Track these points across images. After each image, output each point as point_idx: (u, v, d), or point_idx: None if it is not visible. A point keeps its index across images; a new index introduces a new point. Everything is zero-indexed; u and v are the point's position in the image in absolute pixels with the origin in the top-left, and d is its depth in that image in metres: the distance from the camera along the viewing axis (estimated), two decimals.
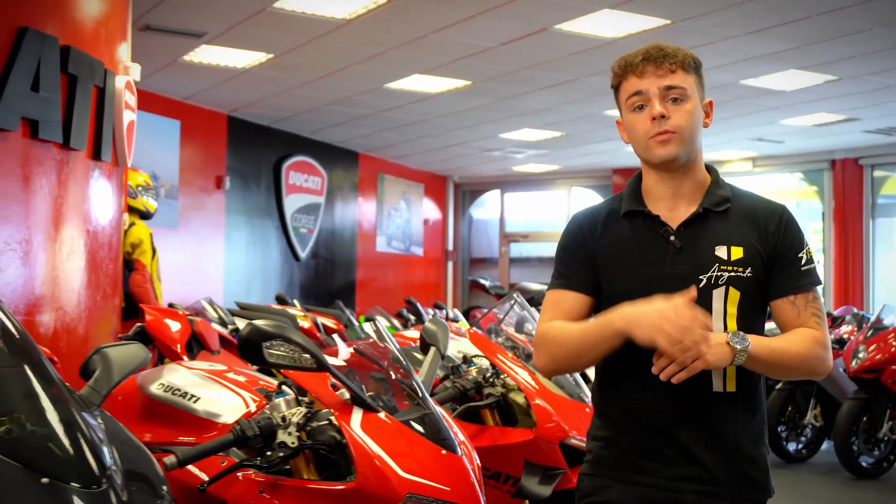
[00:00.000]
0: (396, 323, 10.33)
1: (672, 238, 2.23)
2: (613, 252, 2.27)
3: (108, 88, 5.43)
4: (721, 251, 2.22)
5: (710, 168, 2.34)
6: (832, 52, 8.62)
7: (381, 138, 13.61)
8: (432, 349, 3.00)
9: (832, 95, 10.40)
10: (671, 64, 2.21)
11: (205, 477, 2.47)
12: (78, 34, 5.17)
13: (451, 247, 17.64)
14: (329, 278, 14.09)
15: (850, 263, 14.02)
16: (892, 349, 7.62)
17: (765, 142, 13.36)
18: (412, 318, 10.93)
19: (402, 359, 2.61)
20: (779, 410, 8.21)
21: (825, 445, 8.58)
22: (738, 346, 2.08)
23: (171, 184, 11.00)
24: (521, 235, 17.74)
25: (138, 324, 4.90)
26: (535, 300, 15.85)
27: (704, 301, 2.16)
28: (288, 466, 2.45)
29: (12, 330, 1.96)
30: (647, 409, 2.22)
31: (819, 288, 2.29)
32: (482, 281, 15.97)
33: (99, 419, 1.99)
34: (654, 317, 2.03)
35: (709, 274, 2.20)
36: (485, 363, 3.62)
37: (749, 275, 2.21)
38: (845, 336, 8.55)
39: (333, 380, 2.51)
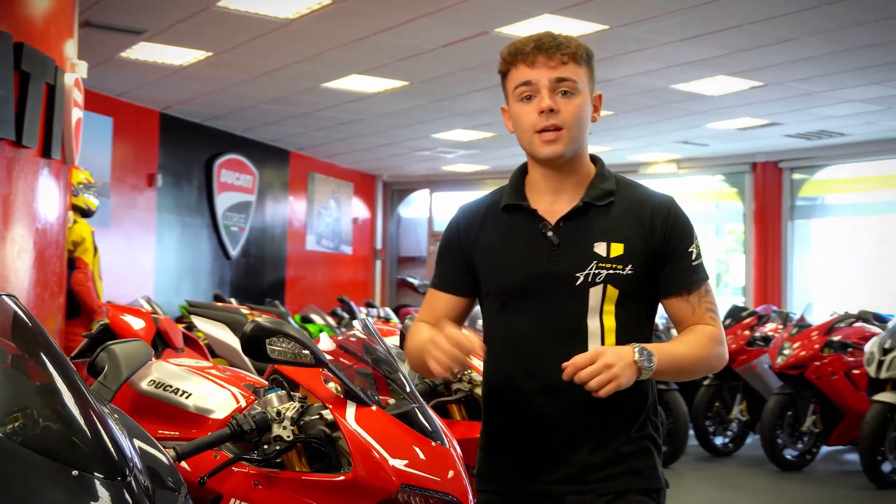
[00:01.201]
0: (331, 321, 10.38)
1: (549, 234, 2.17)
2: (491, 248, 2.22)
3: (59, 86, 5.40)
4: (600, 248, 2.15)
5: (595, 159, 2.27)
6: (760, 59, 8.93)
7: (314, 137, 13.62)
8: None
9: (757, 101, 10.74)
10: (563, 55, 2.13)
11: (193, 471, 2.53)
12: (31, 31, 5.15)
13: (379, 245, 17.71)
14: (259, 277, 14.06)
15: (770, 263, 14.46)
16: (816, 346, 7.93)
17: (690, 144, 13.71)
18: (346, 316, 10.98)
19: (389, 354, 2.70)
20: (706, 406, 8.48)
21: (750, 439, 8.88)
22: (645, 365, 2.02)
23: (103, 181, 10.86)
24: None
25: (101, 321, 4.89)
26: None
27: (581, 299, 2.13)
28: (279, 459, 2.52)
29: (28, 323, 2.00)
30: (524, 410, 2.17)
31: (710, 280, 2.24)
32: (411, 280, 16.06)
33: (115, 413, 2.05)
34: (427, 345, 2.02)
35: (585, 272, 2.13)
36: None
37: (630, 272, 2.14)
38: (770, 333, 8.86)
39: (324, 375, 2.60)
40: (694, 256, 2.19)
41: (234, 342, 5.16)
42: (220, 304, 7.71)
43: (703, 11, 7.61)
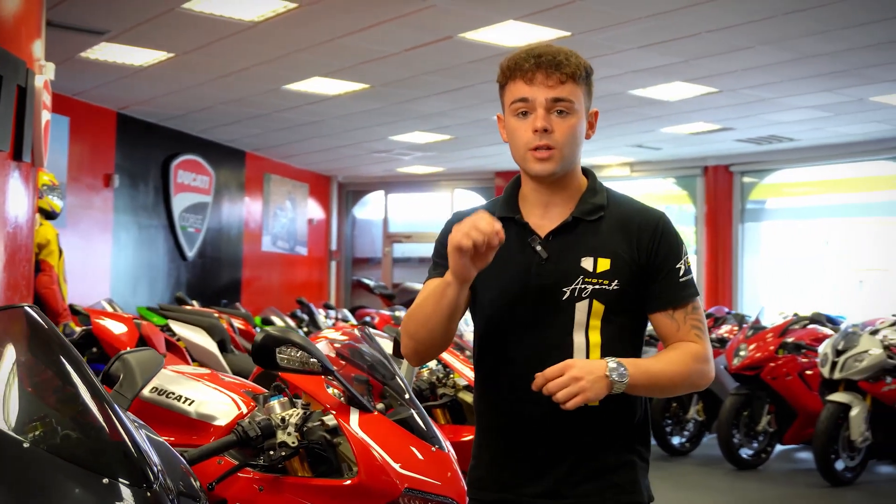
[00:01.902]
0: (291, 323, 10.39)
1: (538, 248, 2.18)
2: None
3: (30, 88, 5.37)
4: (587, 262, 2.16)
5: (588, 173, 2.29)
6: (716, 66, 9.11)
7: (271, 138, 13.60)
8: None
9: (711, 106, 10.95)
10: (562, 74, 2.14)
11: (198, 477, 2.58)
12: (2, 33, 5.12)
13: (334, 247, 17.71)
14: (215, 278, 14.00)
15: (720, 265, 14.73)
16: (771, 348, 8.13)
17: (643, 148, 13.91)
18: (306, 318, 10.99)
19: (387, 359, 2.76)
20: (663, 406, 8.64)
21: (706, 438, 9.06)
22: (617, 379, 2.03)
23: (60, 182, 10.77)
24: (404, 236, 17.94)
25: (82, 328, 4.88)
26: None
27: (567, 314, 2.14)
28: (281, 465, 2.57)
29: (49, 332, 2.04)
30: (510, 422, 2.18)
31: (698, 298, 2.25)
32: (366, 281, 16.14)
33: (135, 422, 2.09)
34: (454, 238, 2.00)
35: (572, 286, 2.14)
36: (433, 364, 3.80)
37: (616, 287, 2.15)
38: (726, 335, 9.05)
39: (326, 382, 2.65)
40: (681, 273, 2.20)
41: (212, 346, 5.18)
42: (188, 307, 7.70)
43: (662, 20, 7.76)
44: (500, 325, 2.21)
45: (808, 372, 8.06)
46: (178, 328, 5.56)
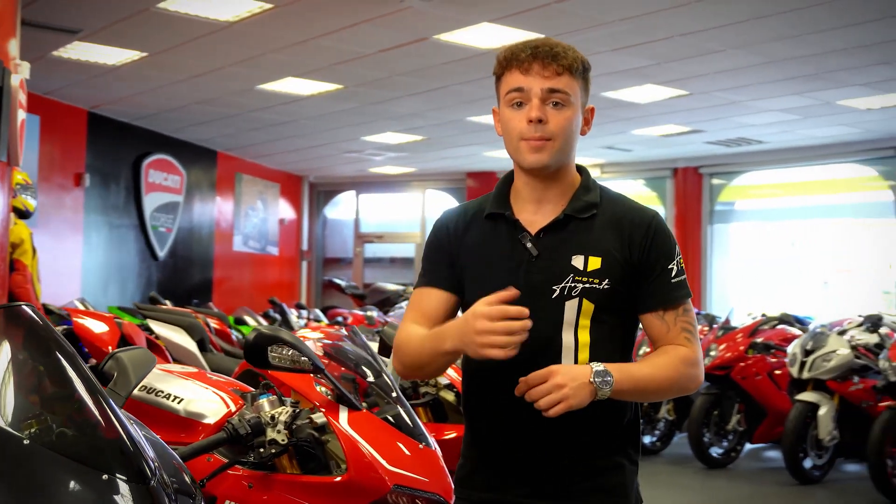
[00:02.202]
0: (264, 323, 10.39)
1: (529, 245, 2.15)
2: (474, 255, 2.19)
3: (6, 87, 5.36)
4: (578, 261, 2.12)
5: (581, 170, 2.26)
6: (688, 69, 9.22)
7: (244, 138, 13.58)
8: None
9: (682, 109, 11.06)
10: (559, 66, 2.12)
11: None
12: None
13: (305, 247, 17.70)
14: (186, 278, 13.96)
15: (690, 266, 14.85)
16: (741, 348, 8.24)
17: (614, 150, 14.03)
18: (279, 318, 10.99)
19: (374, 359, 2.80)
20: None
21: (677, 438, 9.15)
22: (601, 386, 2.00)
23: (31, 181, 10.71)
24: (375, 236, 17.96)
25: (60, 327, 4.87)
26: (390, 300, 16.14)
27: (556, 312, 2.11)
28: (270, 462, 2.61)
29: (46, 331, 2.06)
30: (499, 422, 2.16)
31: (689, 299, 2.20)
32: (338, 281, 16.12)
33: (130, 419, 2.11)
34: (463, 330, 1.98)
35: (562, 285, 2.11)
36: None
37: (606, 286, 2.11)
38: None
39: (315, 380, 2.69)
40: (673, 274, 2.16)
41: (192, 346, 5.19)
42: (164, 306, 7.69)
43: (635, 23, 7.84)
44: None
45: (777, 372, 8.18)
46: (158, 328, 5.56)
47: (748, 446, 8.65)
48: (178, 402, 2.70)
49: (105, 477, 1.84)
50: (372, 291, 15.42)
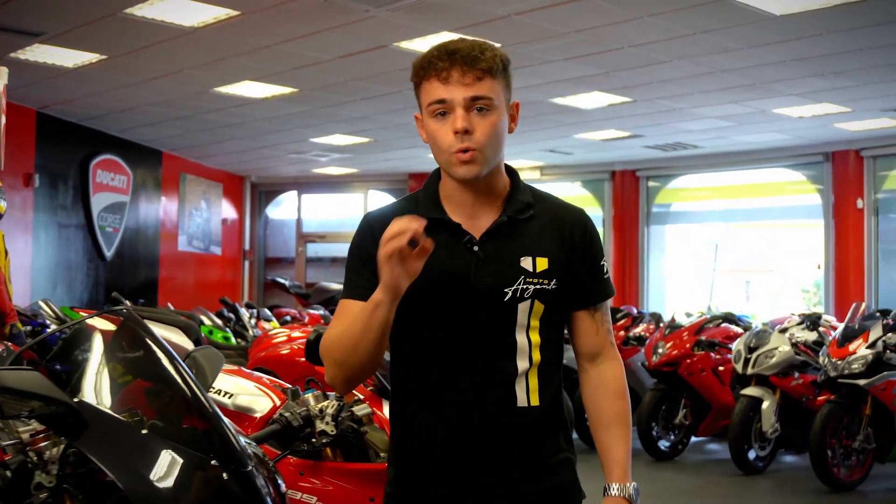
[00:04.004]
0: (219, 322, 10.51)
1: (476, 248, 2.11)
2: None
3: None
4: (526, 262, 2.12)
5: (510, 171, 2.23)
6: (634, 78, 9.61)
7: (191, 138, 13.64)
8: None
9: (624, 115, 11.47)
10: (479, 71, 2.05)
11: None
12: None
13: (247, 246, 17.78)
14: (133, 277, 13.98)
15: (627, 266, 15.33)
16: (687, 345, 8.63)
17: (555, 153, 14.41)
18: (232, 317, 11.11)
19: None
20: (580, 401, 9.06)
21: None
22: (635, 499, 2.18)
23: None
24: (317, 236, 18.11)
25: (28, 327, 4.97)
26: (335, 299, 16.31)
27: (509, 314, 2.10)
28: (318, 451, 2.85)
29: (151, 332, 2.28)
30: (443, 425, 2.12)
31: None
32: (282, 280, 16.28)
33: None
34: (385, 248, 1.94)
35: (514, 287, 2.10)
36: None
37: (554, 286, 2.13)
38: (643, 333, 9.55)
39: None
40: (605, 271, 2.22)
41: (190, 346, 5.32)
42: (143, 307, 7.79)
43: (588, 35, 8.18)
44: (431, 328, 2.12)
45: (721, 368, 8.59)
46: (156, 328, 5.67)
47: (693, 439, 9.05)
48: (228, 398, 2.91)
49: (214, 462, 2.08)
50: (316, 291, 15.61)
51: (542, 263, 2.13)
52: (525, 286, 2.10)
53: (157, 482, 1.98)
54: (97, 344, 2.37)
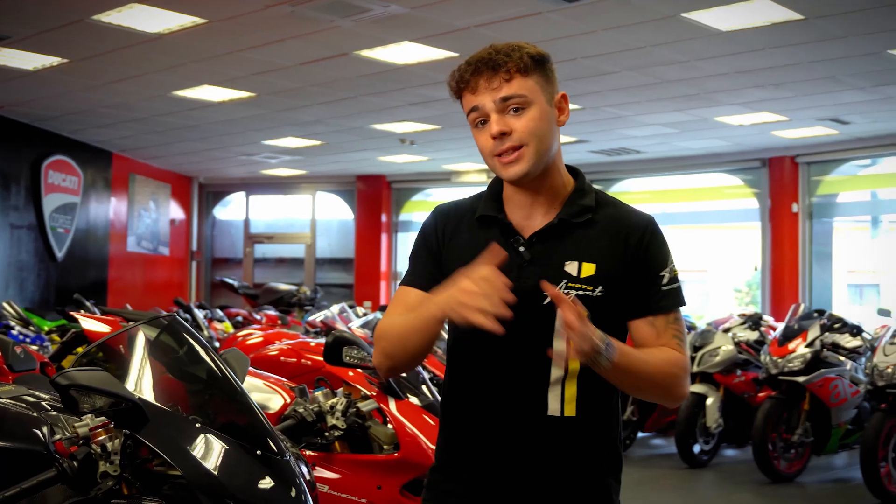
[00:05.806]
0: None
1: (522, 249, 2.10)
2: (462, 257, 2.06)
3: None
4: (571, 267, 2.07)
5: (575, 172, 2.21)
6: (584, 87, 9.95)
7: (142, 140, 13.69)
8: None
9: (572, 121, 11.71)
10: (504, 73, 2.06)
11: None
12: None
13: (195, 247, 17.83)
14: (82, 278, 13.98)
15: None
16: None
17: None
18: (188, 317, 11.23)
19: None
20: None
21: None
22: (604, 353, 1.92)
23: None
24: (265, 236, 18.23)
25: (73, 330, 5.13)
26: (283, 300, 16.39)
27: (548, 318, 2.02)
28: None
29: (199, 337, 2.52)
30: (480, 436, 2.12)
31: (683, 308, 2.17)
32: (230, 281, 16.39)
33: None
34: (454, 294, 1.89)
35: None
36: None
37: (600, 293, 2.06)
38: None
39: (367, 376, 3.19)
40: (665, 280, 2.11)
41: None
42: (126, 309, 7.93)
43: (544, 46, 8.33)
44: (477, 329, 1.98)
45: None
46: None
47: (640, 434, 9.42)
48: None
49: (259, 452, 2.33)
50: (265, 291, 15.76)
51: (589, 269, 2.08)
52: (566, 290, 2.04)
53: (213, 469, 2.22)
54: (139, 345, 2.58)
